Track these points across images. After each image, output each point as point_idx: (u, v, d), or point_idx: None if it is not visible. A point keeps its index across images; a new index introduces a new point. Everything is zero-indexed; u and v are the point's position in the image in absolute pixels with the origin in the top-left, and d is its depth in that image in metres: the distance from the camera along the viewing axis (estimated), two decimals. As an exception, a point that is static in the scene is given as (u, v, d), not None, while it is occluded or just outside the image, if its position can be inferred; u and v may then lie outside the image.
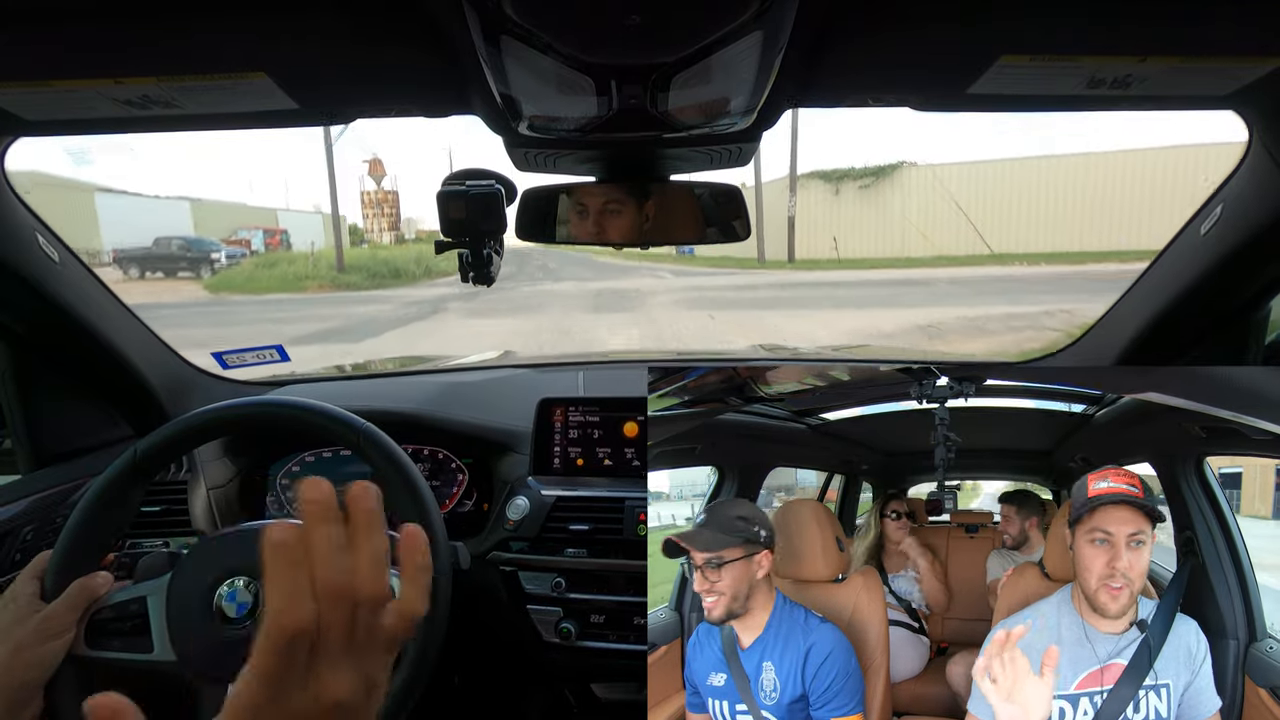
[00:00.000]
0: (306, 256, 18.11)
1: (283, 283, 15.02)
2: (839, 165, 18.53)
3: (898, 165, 17.69)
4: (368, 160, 30.00)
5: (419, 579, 0.39)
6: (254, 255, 20.05)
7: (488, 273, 0.84)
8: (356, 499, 0.36)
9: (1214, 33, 0.55)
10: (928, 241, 16.39)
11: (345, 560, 0.34)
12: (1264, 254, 0.82)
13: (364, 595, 0.35)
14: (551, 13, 0.47)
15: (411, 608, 0.38)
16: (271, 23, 0.54)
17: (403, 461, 0.77)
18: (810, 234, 18.17)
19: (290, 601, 0.33)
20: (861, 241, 18.10)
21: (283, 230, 26.79)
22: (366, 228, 30.82)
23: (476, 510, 1.18)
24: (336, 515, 0.35)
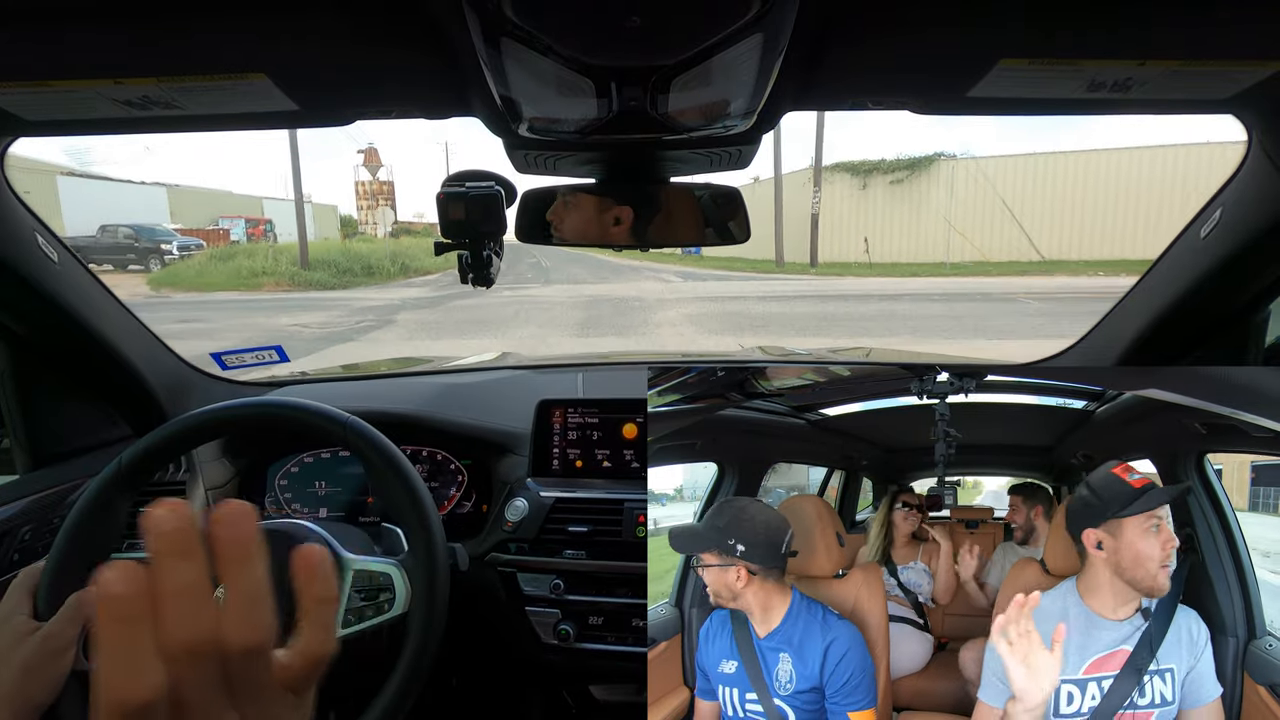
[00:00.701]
0: (267, 250, 16.40)
1: (235, 279, 13.65)
2: (867, 157, 16.83)
3: (934, 158, 16.24)
4: (363, 150, 29.58)
5: (321, 613, 0.31)
6: (229, 246, 18.41)
7: (487, 274, 0.84)
8: (222, 523, 0.28)
9: (1213, 37, 0.55)
10: (970, 244, 15.05)
11: (203, 606, 0.27)
12: (1263, 257, 0.82)
13: (233, 646, 0.27)
14: (552, 14, 0.47)
15: (313, 649, 0.31)
16: (271, 23, 0.54)
17: (394, 454, 0.76)
18: (834, 234, 16.59)
19: (124, 668, 0.25)
20: (892, 243, 16.59)
21: (267, 220, 25.52)
22: (361, 219, 30.29)
23: (475, 512, 1.18)
24: (192, 549, 0.27)
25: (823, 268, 15.52)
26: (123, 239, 16.02)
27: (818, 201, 15.64)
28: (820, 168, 16.06)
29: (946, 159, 16.30)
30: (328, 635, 0.32)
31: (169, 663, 0.26)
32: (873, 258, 16.50)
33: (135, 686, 0.25)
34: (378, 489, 0.98)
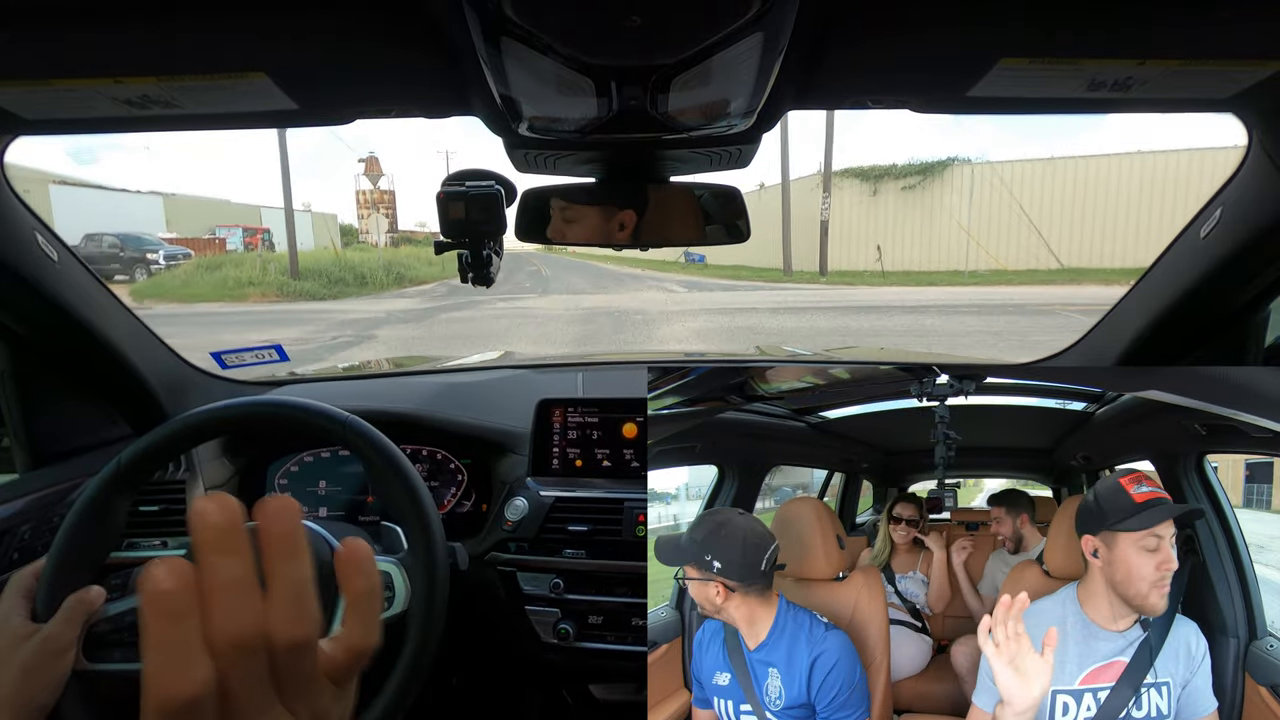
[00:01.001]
0: (256, 259, 16.03)
1: (221, 289, 13.23)
2: (878, 162, 16.49)
3: (947, 163, 15.88)
4: (364, 159, 29.39)
5: (366, 606, 0.32)
6: (217, 256, 17.80)
7: (487, 273, 0.84)
8: (269, 517, 0.28)
9: (1213, 36, 0.55)
10: (986, 252, 14.55)
11: (250, 601, 0.27)
12: (1264, 257, 0.82)
13: (280, 641, 0.28)
14: (551, 14, 0.47)
15: (358, 642, 0.31)
16: (271, 23, 0.54)
17: (393, 453, 0.76)
18: (844, 241, 16.15)
19: (173, 663, 0.25)
20: (905, 250, 16.17)
21: (265, 229, 24.77)
22: (361, 228, 30.03)
23: (475, 511, 1.18)
24: (239, 544, 0.27)
25: (832, 276, 15.09)
26: (108, 248, 15.64)
27: (827, 208, 15.25)
28: (830, 173, 15.66)
29: (960, 163, 15.92)
30: (371, 627, 0.32)
31: (216, 658, 0.26)
32: (885, 266, 16.09)
33: (183, 682, 0.26)
34: (377, 488, 0.98)
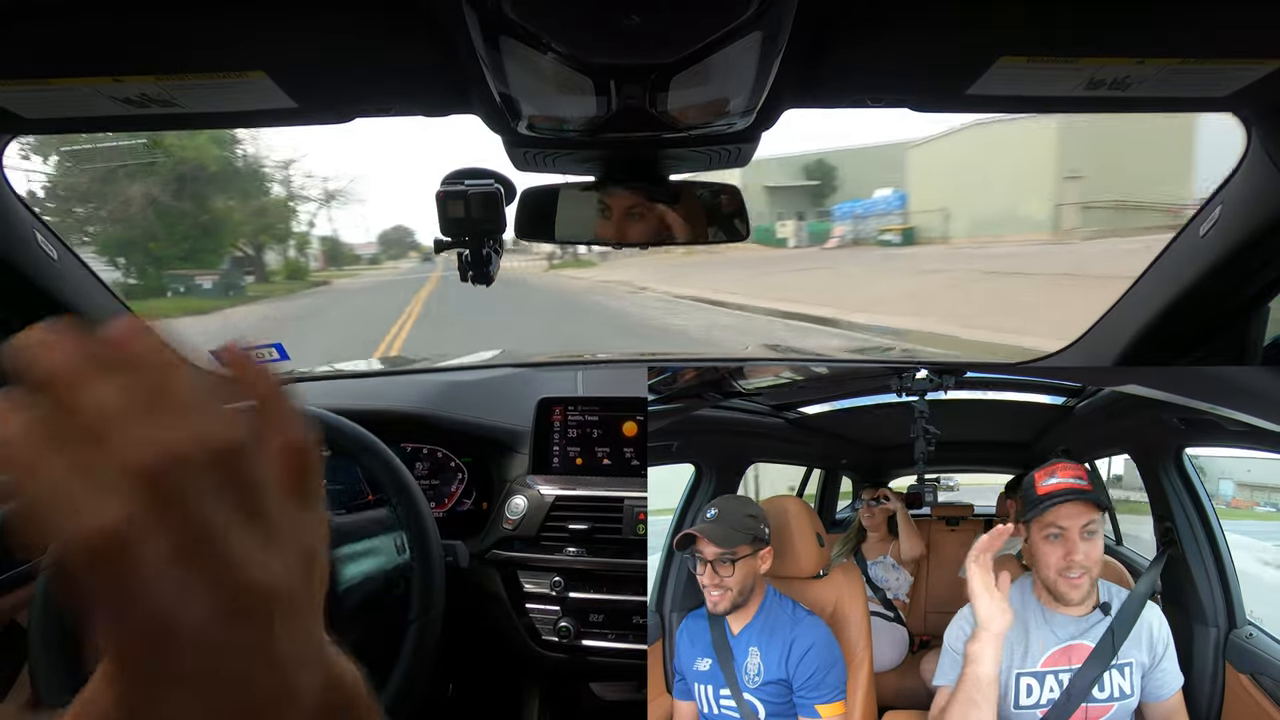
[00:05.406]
0: None
1: None
2: None
3: None
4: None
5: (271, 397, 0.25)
6: None
7: (487, 272, 0.85)
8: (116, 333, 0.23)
9: (1212, 35, 0.55)
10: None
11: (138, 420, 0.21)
12: (1263, 255, 0.82)
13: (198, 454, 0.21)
14: (551, 12, 0.47)
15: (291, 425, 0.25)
16: (270, 21, 0.54)
17: (370, 441, 0.77)
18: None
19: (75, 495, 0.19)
20: None
21: None
22: None
23: (475, 509, 1.18)
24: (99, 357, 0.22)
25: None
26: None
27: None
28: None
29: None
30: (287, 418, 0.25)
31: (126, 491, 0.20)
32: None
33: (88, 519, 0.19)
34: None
